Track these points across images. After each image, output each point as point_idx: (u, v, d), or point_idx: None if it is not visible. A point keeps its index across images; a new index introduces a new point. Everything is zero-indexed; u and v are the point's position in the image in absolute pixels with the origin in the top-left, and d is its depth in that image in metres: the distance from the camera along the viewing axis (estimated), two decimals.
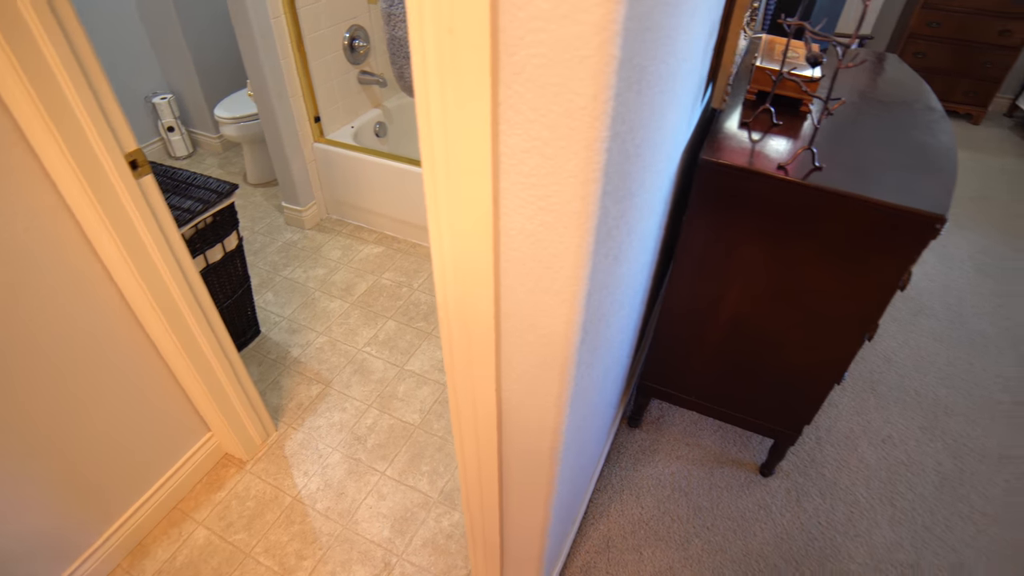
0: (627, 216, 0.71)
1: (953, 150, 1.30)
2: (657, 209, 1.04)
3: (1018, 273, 2.60)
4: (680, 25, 0.70)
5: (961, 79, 3.88)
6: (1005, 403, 1.99)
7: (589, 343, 0.75)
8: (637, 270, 1.02)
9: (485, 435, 0.85)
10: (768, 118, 1.35)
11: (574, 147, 0.50)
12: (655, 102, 0.68)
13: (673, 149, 1.03)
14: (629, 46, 0.47)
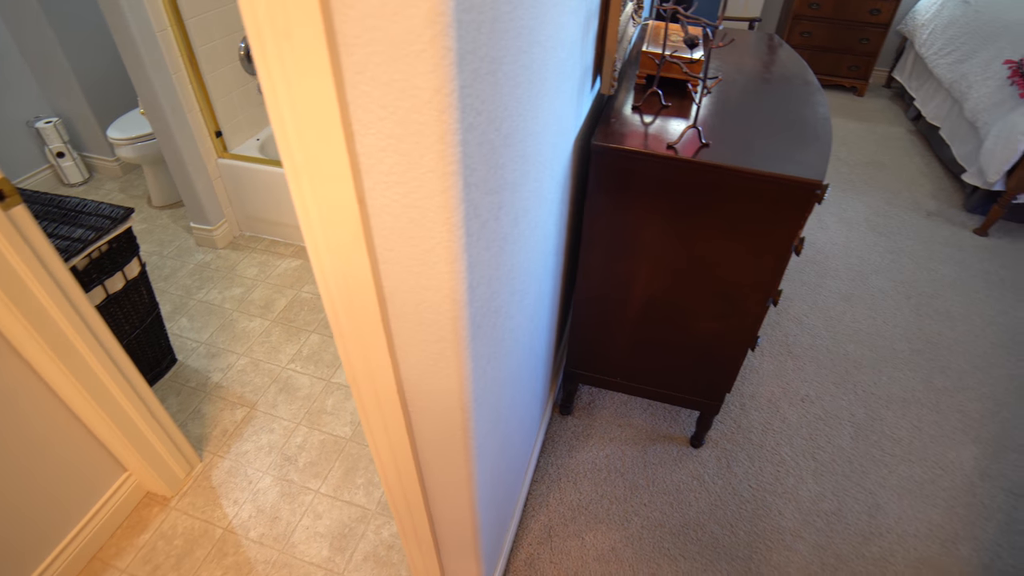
0: (509, 206, 0.72)
1: (828, 120, 1.38)
2: (552, 196, 1.05)
3: (906, 230, 2.80)
4: (541, 15, 0.71)
5: (844, 55, 4.13)
6: (904, 351, 2.14)
7: (486, 336, 0.75)
8: (537, 258, 1.03)
9: (396, 436, 0.84)
10: (657, 100, 1.39)
11: (427, 142, 0.49)
12: (522, 92, 0.68)
13: (561, 137, 1.04)
14: (469, 37, 0.47)
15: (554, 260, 1.25)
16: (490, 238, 0.67)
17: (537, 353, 1.30)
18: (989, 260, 2.64)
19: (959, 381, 2.04)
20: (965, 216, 2.95)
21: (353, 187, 0.54)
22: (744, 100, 1.45)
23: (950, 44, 3.40)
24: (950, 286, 2.47)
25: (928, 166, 3.38)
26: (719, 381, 1.53)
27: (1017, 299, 2.43)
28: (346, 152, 0.51)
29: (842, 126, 3.78)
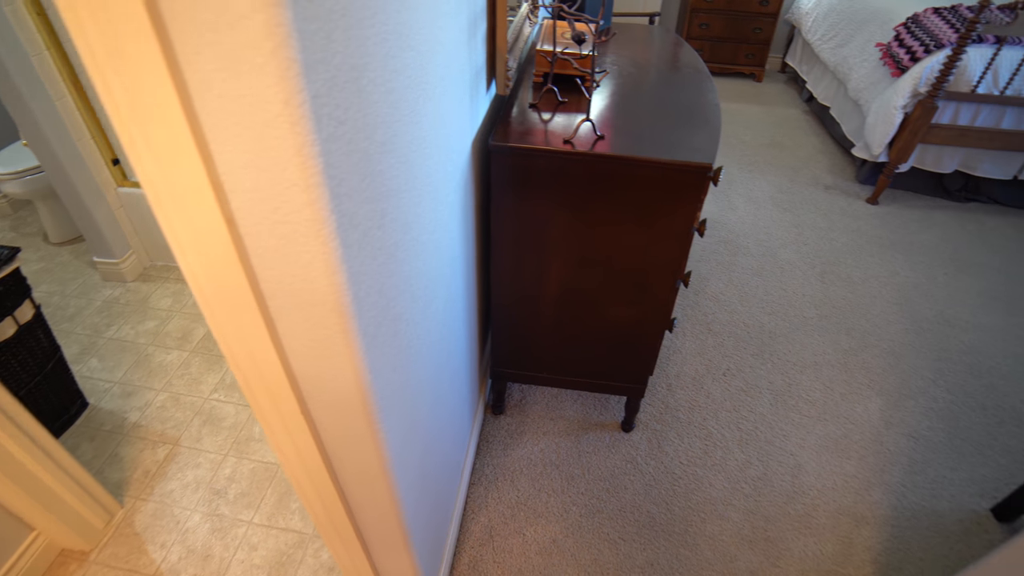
0: (395, 213, 0.72)
1: (717, 106, 1.46)
2: (452, 199, 1.06)
3: (807, 204, 2.98)
4: (411, 21, 0.71)
5: (741, 44, 4.35)
6: (813, 317, 2.27)
7: (385, 345, 0.75)
8: (442, 262, 1.04)
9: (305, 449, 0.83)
10: (554, 97, 1.43)
11: (286, 156, 0.49)
12: (397, 98, 0.68)
13: (456, 140, 1.05)
14: (318, 47, 0.47)
15: (464, 262, 1.26)
16: (376, 247, 0.67)
17: (458, 356, 1.30)
18: (880, 226, 2.85)
19: (862, 340, 2.19)
20: (858, 187, 3.17)
21: (219, 208, 0.53)
22: (640, 91, 1.51)
23: (831, 30, 3.65)
24: (849, 253, 2.64)
25: (823, 143, 3.60)
26: (641, 365, 1.58)
27: (906, 260, 2.63)
28: (205, 172, 0.50)
29: (744, 111, 3.98)
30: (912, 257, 2.66)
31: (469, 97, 1.17)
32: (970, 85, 2.68)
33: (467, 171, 1.19)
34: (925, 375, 2.08)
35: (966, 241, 2.81)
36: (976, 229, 2.91)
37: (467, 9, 1.05)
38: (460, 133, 1.10)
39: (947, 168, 3.00)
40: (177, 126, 0.48)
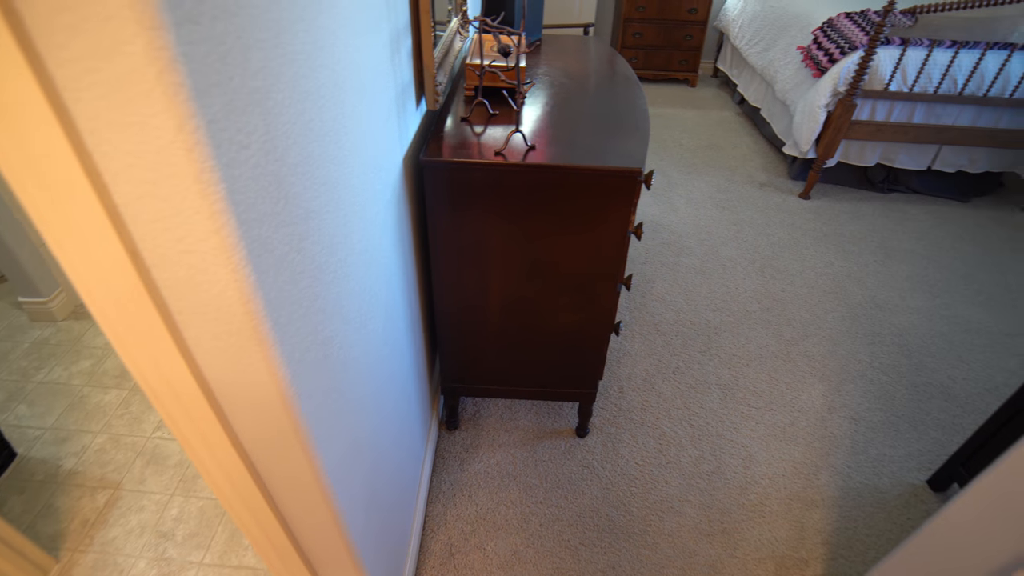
0: (316, 235, 0.71)
1: (646, 112, 1.50)
2: (384, 217, 1.05)
3: (744, 202, 3.08)
4: (322, 40, 0.71)
5: (674, 52, 4.49)
6: (756, 311, 2.35)
7: (316, 370, 0.74)
8: (378, 281, 1.03)
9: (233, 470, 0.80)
10: (485, 110, 1.44)
11: (184, 183, 0.48)
12: (311, 118, 0.68)
13: (384, 158, 1.05)
14: (209, 70, 0.46)
15: (403, 279, 1.25)
16: (297, 270, 0.66)
17: (404, 374, 1.29)
18: (814, 220, 2.98)
19: (803, 330, 2.28)
20: (791, 183, 3.30)
21: (120, 242, 0.51)
22: (571, 100, 1.53)
23: (756, 36, 3.81)
24: (786, 247, 2.75)
25: (756, 143, 3.75)
26: (590, 371, 1.60)
27: (838, 251, 2.76)
28: (101, 206, 0.49)
29: (680, 115, 4.10)
30: (844, 247, 2.79)
31: (396, 114, 1.16)
32: (883, 83, 2.83)
33: (399, 187, 1.18)
34: (862, 359, 2.18)
35: (891, 229, 2.96)
36: (899, 217, 3.07)
37: (388, 26, 1.05)
38: (389, 150, 1.10)
39: (870, 161, 3.16)
40: (67, 162, 0.46)
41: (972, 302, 2.51)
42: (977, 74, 2.82)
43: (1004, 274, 2.70)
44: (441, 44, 1.56)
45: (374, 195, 0.99)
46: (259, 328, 0.59)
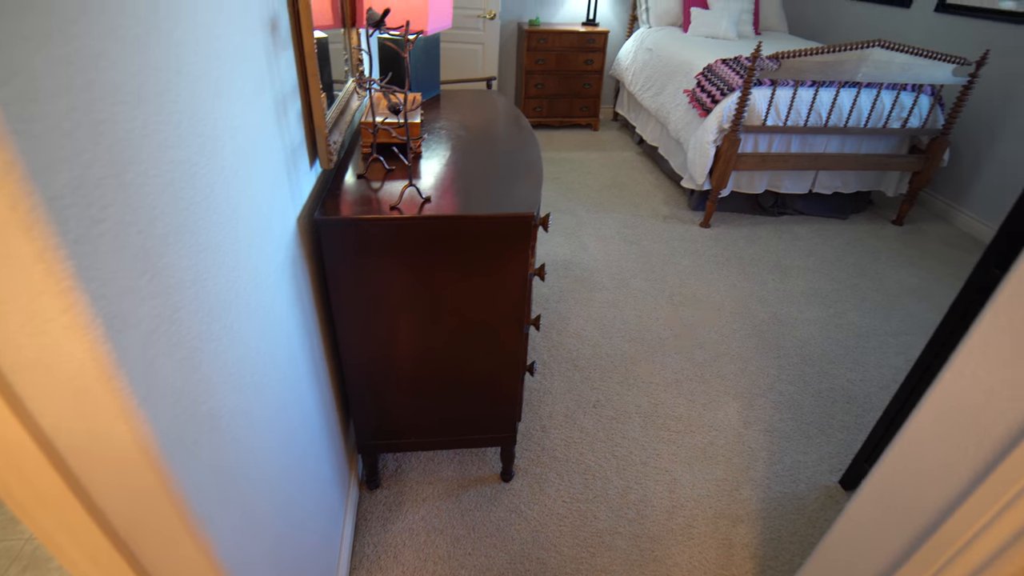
0: (194, 305, 0.70)
1: (539, 158, 1.57)
2: (275, 279, 1.04)
3: (650, 235, 3.24)
4: (194, 108, 0.71)
5: (575, 99, 4.74)
6: (668, 337, 2.45)
7: (197, 445, 0.71)
8: (272, 345, 1.01)
9: None
10: (381, 166, 1.47)
11: (25, 262, 0.46)
12: (181, 187, 0.67)
13: (276, 219, 1.04)
14: (53, 145, 0.46)
15: (305, 339, 1.23)
16: (171, 342, 0.64)
17: (311, 437, 1.25)
18: (715, 246, 3.17)
19: (713, 351, 2.39)
20: (691, 214, 3.51)
21: None
22: (467, 151, 1.59)
23: (647, 82, 4.09)
24: (692, 274, 2.90)
25: (657, 179, 3.97)
26: (507, 413, 1.61)
27: (740, 273, 2.93)
28: None
29: (585, 158, 4.30)
30: (744, 269, 2.97)
31: (287, 175, 1.17)
32: (760, 119, 3.10)
33: (295, 247, 1.18)
34: (770, 372, 2.30)
35: (784, 249, 3.19)
36: (791, 237, 3.32)
37: (271, 91, 1.07)
38: (281, 211, 1.09)
39: (759, 189, 3.42)
40: None
41: (860, 308, 2.73)
42: (836, 108, 3.14)
43: (882, 280, 2.96)
44: (337, 103, 1.59)
45: (266, 257, 0.98)
46: (125, 406, 0.57)
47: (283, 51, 1.17)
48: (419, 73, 2.01)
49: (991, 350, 0.75)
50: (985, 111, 3.47)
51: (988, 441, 0.76)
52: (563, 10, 4.80)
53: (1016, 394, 0.71)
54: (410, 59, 1.92)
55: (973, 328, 0.77)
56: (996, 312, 0.73)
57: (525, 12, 4.77)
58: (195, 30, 0.74)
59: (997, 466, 0.72)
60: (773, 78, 2.97)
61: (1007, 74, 3.34)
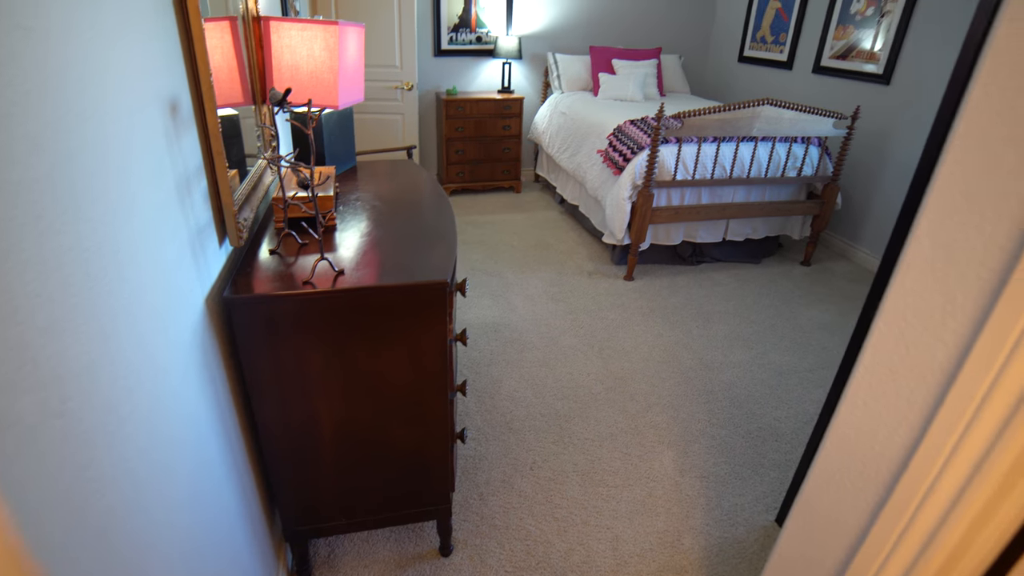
0: (83, 397, 0.65)
1: (453, 223, 1.59)
2: (180, 363, 0.99)
3: (576, 291, 3.32)
4: (81, 191, 0.69)
5: (496, 163, 4.90)
6: (600, 392, 2.47)
7: (86, 552, 0.65)
8: (182, 433, 0.95)
9: None
10: (294, 241, 1.45)
11: None
12: (70, 273, 0.64)
13: (180, 300, 1.00)
14: None
15: (217, 424, 1.16)
16: (57, 438, 0.59)
17: (229, 529, 1.16)
18: (639, 298, 3.27)
19: (645, 402, 2.42)
20: (615, 269, 3.63)
21: None
22: (382, 221, 1.59)
23: (564, 144, 4.28)
24: (619, 327, 2.97)
25: (580, 236, 4.10)
26: (438, 485, 1.56)
27: (665, 323, 3.03)
28: None
29: (510, 220, 4.41)
30: (669, 318, 3.07)
31: (193, 255, 1.13)
32: (670, 174, 3.30)
33: (204, 328, 1.13)
34: (701, 418, 2.35)
35: (705, 296, 3.33)
36: (710, 284, 3.48)
37: (173, 172, 1.05)
38: (187, 292, 1.05)
39: (676, 240, 3.59)
40: None
41: (779, 347, 2.86)
42: (738, 161, 3.39)
43: (797, 319, 3.13)
44: (249, 179, 1.57)
45: (171, 340, 0.93)
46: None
47: (186, 131, 1.16)
48: (333, 146, 2.02)
49: (874, 379, 0.79)
50: (866, 158, 3.84)
51: (885, 465, 0.79)
52: (479, 79, 5.01)
53: (899, 419, 0.75)
54: (323, 132, 1.94)
55: (858, 362, 0.82)
56: (873, 347, 0.78)
57: (443, 82, 4.95)
58: (80, 114, 0.72)
59: (893, 491, 0.75)
60: (678, 136, 3.18)
61: (878, 126, 3.72)
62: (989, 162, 0.60)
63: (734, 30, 5.11)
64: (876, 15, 3.67)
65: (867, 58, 3.76)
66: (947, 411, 0.64)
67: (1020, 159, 0.57)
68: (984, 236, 0.59)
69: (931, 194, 0.65)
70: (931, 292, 0.65)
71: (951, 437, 0.64)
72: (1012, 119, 0.58)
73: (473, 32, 4.84)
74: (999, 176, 0.59)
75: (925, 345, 0.67)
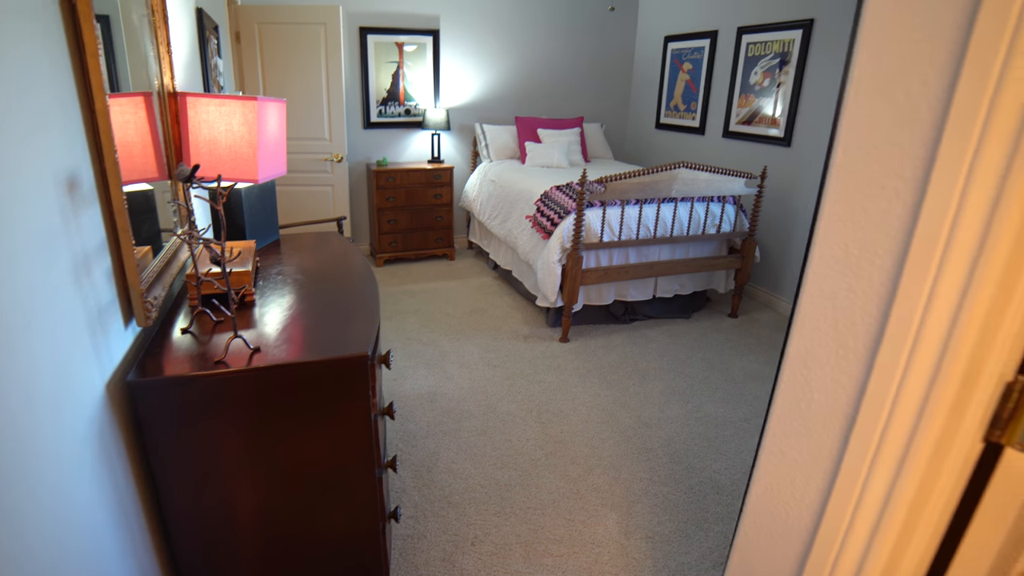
0: None
1: (375, 294, 1.57)
2: (73, 459, 0.90)
3: (513, 356, 3.31)
4: None
5: (429, 232, 4.93)
6: (540, 458, 2.42)
7: None
8: (65, 536, 0.85)
9: None
10: (208, 318, 1.38)
11: None
12: None
13: (73, 388, 0.92)
14: None
15: (119, 526, 1.05)
16: None
17: None
18: (575, 359, 3.29)
19: (586, 464, 2.39)
20: (551, 331, 3.65)
21: None
22: (303, 295, 1.55)
23: (494, 211, 4.37)
24: (557, 390, 2.96)
25: (515, 301, 4.14)
26: (371, 567, 1.46)
27: (602, 382, 3.05)
28: None
29: (444, 287, 4.40)
30: (606, 378, 3.09)
31: (91, 338, 1.06)
32: (597, 236, 3.41)
33: (102, 415, 1.04)
34: (642, 476, 2.33)
35: (640, 353, 3.39)
36: (644, 342, 3.55)
37: (69, 251, 0.99)
38: (83, 377, 0.98)
39: (608, 300, 3.67)
40: None
41: (713, 399, 2.91)
42: (660, 221, 3.55)
43: (729, 370, 3.22)
44: (163, 255, 1.51)
45: (62, 432, 0.85)
46: None
47: (86, 208, 1.11)
48: (254, 220, 1.99)
49: (786, 427, 0.81)
50: (778, 213, 4.11)
51: (806, 511, 0.80)
52: (409, 150, 5.11)
53: (812, 463, 0.77)
54: (243, 207, 1.91)
55: (770, 411, 0.84)
56: (782, 395, 0.81)
57: (373, 153, 5.01)
58: None
59: (816, 535, 0.76)
60: (602, 199, 3.31)
61: (785, 184, 4.02)
62: (855, 215, 0.65)
63: (650, 99, 5.48)
64: (773, 85, 4.04)
65: (770, 123, 4.10)
66: (852, 451, 0.66)
67: (880, 212, 0.62)
68: (863, 281, 0.64)
69: (814, 247, 0.69)
70: (826, 338, 0.69)
71: (858, 479, 0.66)
72: (866, 175, 0.63)
73: (402, 105, 4.97)
74: (867, 227, 0.64)
75: (827, 389, 0.70)
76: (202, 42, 2.36)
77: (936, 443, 0.59)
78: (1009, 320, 0.54)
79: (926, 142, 0.54)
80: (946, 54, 0.54)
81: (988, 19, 0.50)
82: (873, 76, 0.61)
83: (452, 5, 4.90)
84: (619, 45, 5.60)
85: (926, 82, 0.56)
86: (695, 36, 4.79)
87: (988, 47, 0.50)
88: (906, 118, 0.56)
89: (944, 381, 0.56)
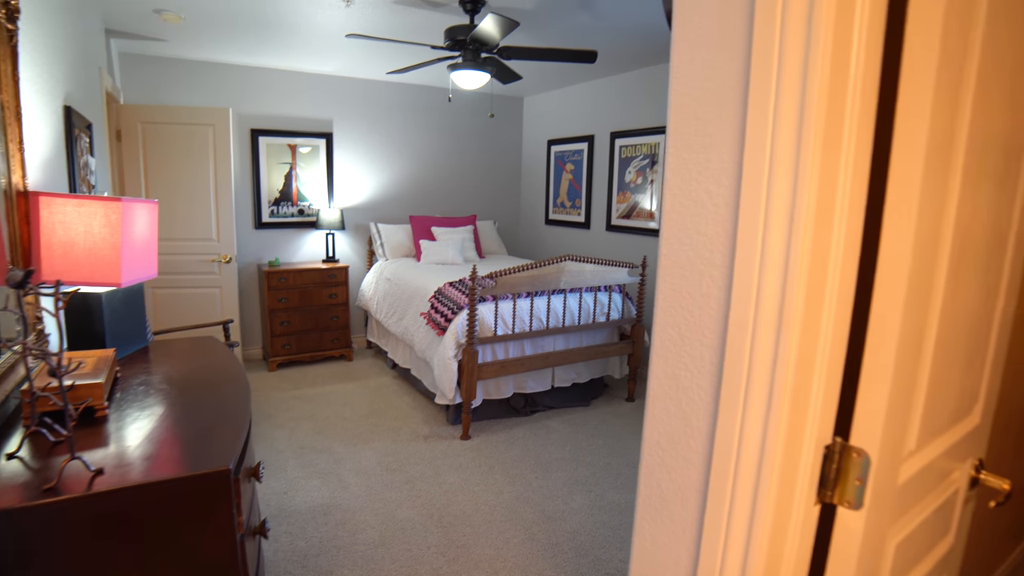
0: None
1: (246, 402, 1.47)
2: None
3: (412, 458, 3.18)
4: None
5: (324, 332, 4.78)
6: (443, 565, 2.28)
7: None
8: None
9: None
10: (45, 440, 1.23)
11: None
12: None
13: None
14: None
15: None
16: None
17: None
18: (477, 457, 3.21)
19: (490, 568, 2.27)
20: (451, 429, 3.56)
21: None
22: (166, 406, 1.42)
23: (391, 309, 4.33)
24: (458, 491, 2.85)
25: (414, 400, 4.03)
26: None
27: (504, 478, 2.97)
28: None
29: (340, 390, 4.22)
30: (508, 472, 3.02)
31: None
32: (491, 330, 3.45)
33: None
34: (549, 575, 2.24)
35: (542, 445, 3.37)
36: (545, 432, 3.54)
37: None
38: None
39: (507, 393, 3.67)
40: None
41: (616, 486, 2.91)
42: (552, 312, 3.67)
43: (629, 454, 3.26)
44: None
45: None
46: None
47: None
48: (117, 326, 1.84)
49: (652, 510, 0.83)
50: None
51: None
52: (303, 249, 5.02)
53: (678, 547, 0.78)
54: (102, 312, 1.77)
55: (638, 495, 0.85)
56: (645, 478, 0.83)
57: (265, 254, 4.88)
58: None
59: None
60: (493, 294, 3.38)
61: None
62: (683, 299, 0.72)
63: (538, 197, 5.82)
64: (646, 182, 4.44)
65: (647, 216, 4.45)
66: (708, 527, 0.68)
67: (701, 295, 0.69)
68: (696, 360, 0.69)
69: (655, 330, 0.74)
70: (673, 418, 0.72)
71: (716, 554, 0.67)
72: (685, 262, 0.70)
73: (295, 205, 4.94)
74: (693, 309, 0.70)
75: (679, 469, 0.73)
76: (69, 140, 2.25)
77: (776, 508, 0.63)
78: (815, 391, 0.60)
79: (728, 231, 0.62)
80: (732, 168, 0.64)
81: (752, 151, 0.60)
82: (680, 180, 0.70)
83: (345, 110, 5.06)
84: (507, 147, 5.99)
85: (720, 183, 0.65)
86: (574, 140, 5.23)
87: (757, 168, 0.60)
88: (708, 213, 0.64)
89: (771, 448, 0.60)
